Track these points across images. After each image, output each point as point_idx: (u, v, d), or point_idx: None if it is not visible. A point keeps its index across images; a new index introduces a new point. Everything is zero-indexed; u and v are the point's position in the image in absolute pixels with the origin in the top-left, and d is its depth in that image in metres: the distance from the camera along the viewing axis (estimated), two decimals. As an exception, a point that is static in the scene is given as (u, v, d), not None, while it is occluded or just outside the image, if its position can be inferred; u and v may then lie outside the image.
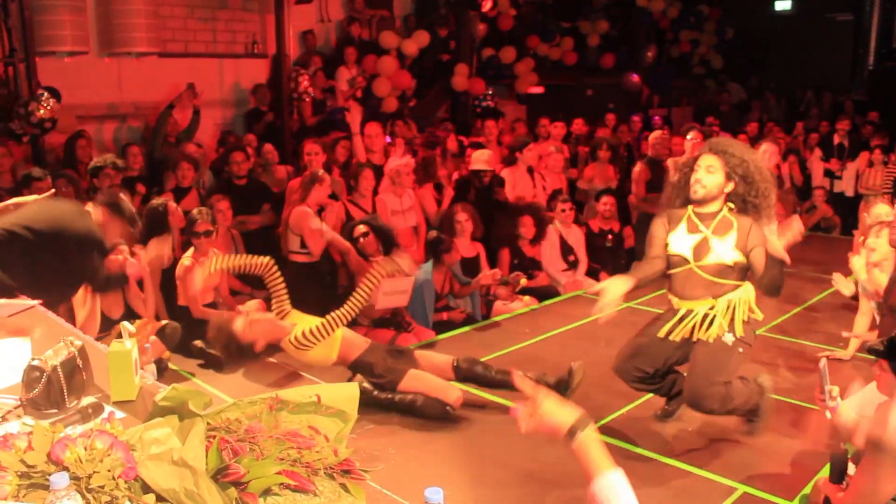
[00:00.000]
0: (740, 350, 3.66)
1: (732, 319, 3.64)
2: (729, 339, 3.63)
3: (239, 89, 8.94)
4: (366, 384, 4.06)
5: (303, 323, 4.12)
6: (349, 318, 4.09)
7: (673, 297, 3.80)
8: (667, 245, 3.75)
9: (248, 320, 4.00)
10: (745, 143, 4.00)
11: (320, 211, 5.86)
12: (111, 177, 5.52)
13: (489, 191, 6.89)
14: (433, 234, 6.00)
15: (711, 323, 3.63)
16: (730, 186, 3.67)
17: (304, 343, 4.00)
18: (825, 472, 3.30)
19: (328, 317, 4.05)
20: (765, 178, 3.71)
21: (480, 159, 6.87)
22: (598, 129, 9.72)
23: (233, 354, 3.98)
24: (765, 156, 5.88)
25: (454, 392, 4.13)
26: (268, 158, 7.26)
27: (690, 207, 3.75)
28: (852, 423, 2.79)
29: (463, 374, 4.22)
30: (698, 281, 3.68)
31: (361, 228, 5.50)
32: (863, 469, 2.39)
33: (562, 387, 4.10)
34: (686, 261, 3.69)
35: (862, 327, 4.75)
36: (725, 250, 3.63)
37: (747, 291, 3.72)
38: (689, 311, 3.70)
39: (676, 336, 3.70)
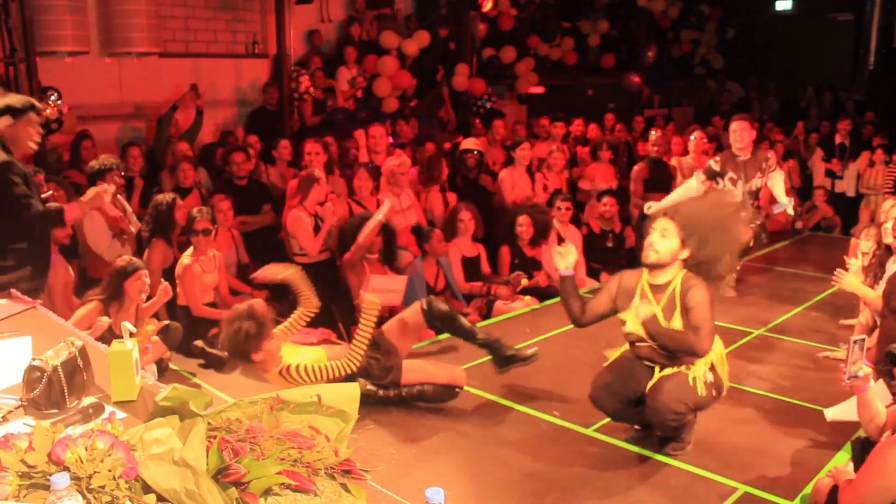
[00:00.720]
0: (714, 394, 3.58)
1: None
2: (710, 376, 3.55)
3: (240, 89, 8.94)
4: (369, 386, 4.06)
5: (292, 355, 3.94)
6: (354, 368, 3.91)
7: (646, 361, 3.69)
8: (623, 322, 3.65)
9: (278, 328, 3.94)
10: (713, 205, 3.80)
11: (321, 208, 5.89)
12: (117, 180, 5.54)
13: (476, 179, 7.02)
14: (416, 225, 6.07)
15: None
16: (684, 253, 3.54)
17: (295, 380, 3.81)
18: (825, 471, 3.30)
19: (333, 363, 3.87)
20: (725, 237, 3.59)
21: (468, 141, 6.95)
22: (589, 128, 9.73)
23: (234, 356, 3.91)
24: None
25: (459, 374, 4.20)
26: (282, 153, 7.28)
27: (645, 276, 3.63)
28: (875, 411, 2.78)
29: (432, 315, 4.26)
30: (661, 354, 3.59)
31: None
32: (869, 467, 2.40)
33: (515, 359, 4.25)
34: (645, 340, 3.60)
35: (870, 313, 4.74)
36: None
37: (718, 350, 3.63)
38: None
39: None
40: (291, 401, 1.59)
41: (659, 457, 3.67)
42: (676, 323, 3.49)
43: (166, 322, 4.82)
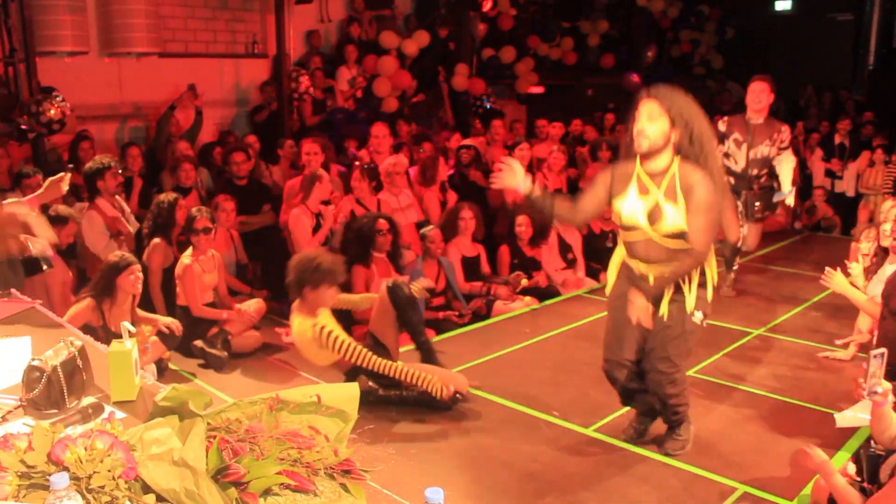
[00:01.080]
0: (704, 325, 3.49)
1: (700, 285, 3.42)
2: (698, 317, 3.43)
3: (239, 89, 8.94)
4: (371, 383, 4.09)
5: (329, 321, 4.11)
6: (376, 368, 4.02)
7: (636, 261, 3.47)
8: (619, 214, 3.42)
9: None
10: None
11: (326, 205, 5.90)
12: (116, 177, 5.55)
13: (467, 174, 7.14)
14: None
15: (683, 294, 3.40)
16: (675, 134, 3.28)
17: (321, 341, 3.96)
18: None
19: (358, 347, 4.00)
20: (705, 134, 3.34)
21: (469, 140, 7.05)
22: (584, 129, 9.73)
23: (294, 280, 4.04)
24: None
25: (461, 379, 4.24)
26: (288, 153, 7.28)
27: (638, 164, 3.36)
28: (889, 423, 2.75)
29: (394, 295, 4.32)
30: (660, 247, 3.35)
31: (385, 224, 5.52)
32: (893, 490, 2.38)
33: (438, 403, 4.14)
34: (642, 229, 3.36)
35: (867, 321, 4.74)
36: (680, 216, 3.26)
37: (711, 253, 3.45)
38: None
39: (663, 311, 3.43)
40: (291, 401, 1.59)
41: (659, 457, 3.67)
42: (682, 210, 3.25)
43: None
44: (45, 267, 4.06)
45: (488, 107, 10.57)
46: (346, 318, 5.47)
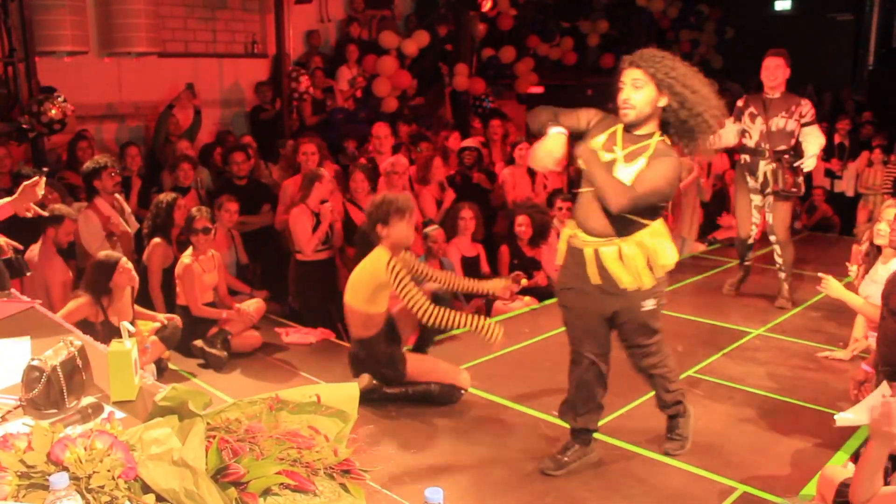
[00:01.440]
0: (663, 303, 3.41)
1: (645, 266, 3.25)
2: (650, 304, 3.34)
3: (239, 89, 8.94)
4: (375, 381, 4.09)
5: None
6: (428, 318, 4.01)
7: (577, 232, 3.34)
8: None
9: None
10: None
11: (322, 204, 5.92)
12: (114, 177, 5.54)
13: (470, 175, 7.16)
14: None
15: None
16: (663, 100, 3.15)
17: (392, 277, 3.96)
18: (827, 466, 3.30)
19: (423, 299, 4.00)
20: (699, 92, 3.15)
21: (469, 139, 7.06)
22: None
23: (370, 217, 4.13)
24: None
25: (463, 376, 4.26)
26: (289, 153, 7.29)
27: (621, 126, 3.25)
28: None
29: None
30: (598, 212, 3.20)
31: None
32: None
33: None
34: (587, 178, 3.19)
35: (862, 328, 4.75)
36: (626, 177, 3.12)
37: (658, 235, 3.26)
38: (597, 253, 3.26)
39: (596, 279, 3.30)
40: (291, 401, 1.59)
41: (659, 457, 3.67)
42: (632, 170, 3.13)
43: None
44: (26, 272, 4.04)
45: (488, 107, 10.57)
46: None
